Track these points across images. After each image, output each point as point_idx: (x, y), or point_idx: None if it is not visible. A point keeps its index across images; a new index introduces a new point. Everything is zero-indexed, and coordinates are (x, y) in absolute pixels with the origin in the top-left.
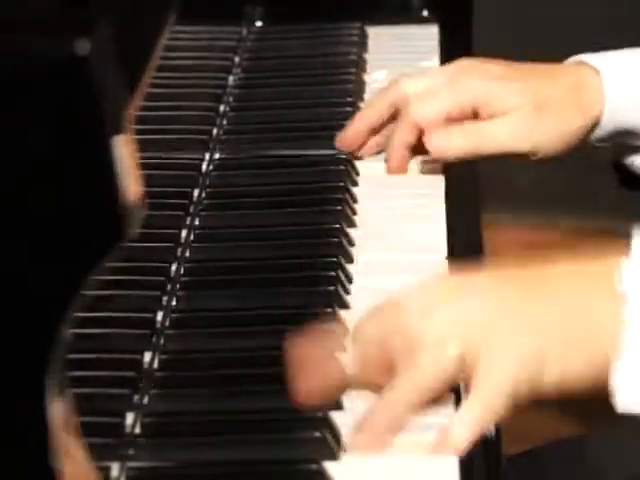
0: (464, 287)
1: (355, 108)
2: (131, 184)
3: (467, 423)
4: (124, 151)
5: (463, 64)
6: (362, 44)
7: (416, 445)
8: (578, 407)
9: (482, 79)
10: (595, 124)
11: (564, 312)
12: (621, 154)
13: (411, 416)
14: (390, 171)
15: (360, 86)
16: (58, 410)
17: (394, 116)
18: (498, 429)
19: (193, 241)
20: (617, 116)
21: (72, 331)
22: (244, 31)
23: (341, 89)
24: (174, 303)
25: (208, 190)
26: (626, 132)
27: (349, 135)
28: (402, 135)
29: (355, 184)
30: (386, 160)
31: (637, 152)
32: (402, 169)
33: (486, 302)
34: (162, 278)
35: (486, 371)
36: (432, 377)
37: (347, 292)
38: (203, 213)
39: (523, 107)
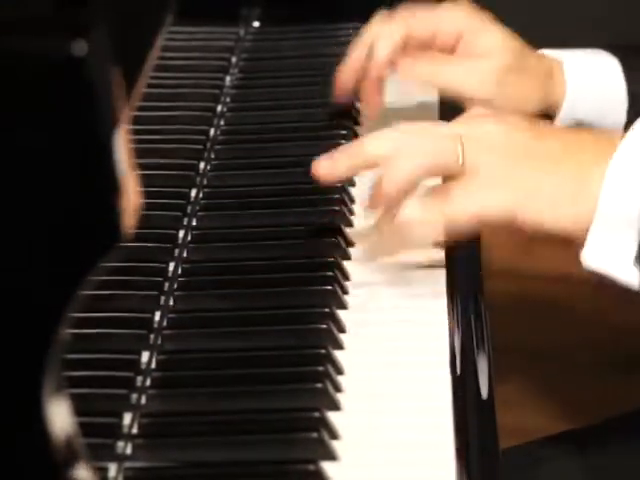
0: (503, 119)
1: (352, 108)
2: (129, 184)
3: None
4: (121, 151)
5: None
6: None
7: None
8: (575, 403)
9: (467, 12)
10: (553, 113)
11: (560, 172)
12: None
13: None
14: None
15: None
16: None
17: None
18: (495, 430)
19: (190, 241)
20: (575, 111)
21: (70, 331)
22: (241, 31)
23: None
24: (171, 303)
25: (205, 190)
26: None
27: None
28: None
29: (352, 184)
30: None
31: None
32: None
33: (511, 137)
34: (160, 278)
35: (473, 184)
36: (431, 154)
37: (345, 292)
38: (200, 213)
39: (500, 56)
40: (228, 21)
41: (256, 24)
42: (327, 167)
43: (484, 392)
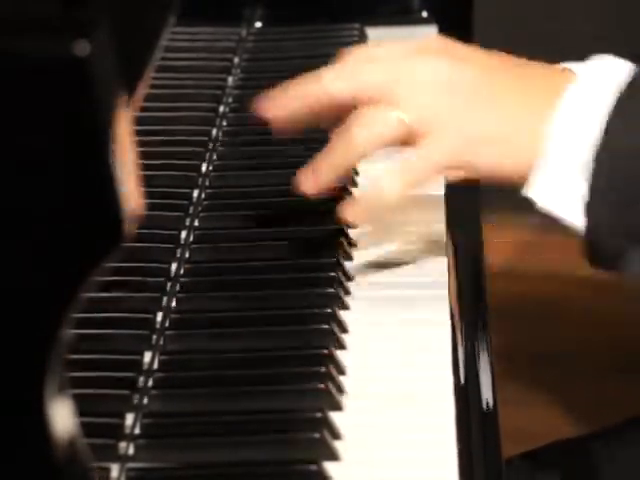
0: (447, 50)
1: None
2: (131, 185)
3: (398, 173)
4: (123, 152)
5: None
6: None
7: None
8: (575, 405)
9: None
10: None
11: (508, 109)
12: None
13: (349, 162)
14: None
15: None
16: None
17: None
18: (497, 430)
19: (193, 242)
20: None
21: (72, 331)
22: (244, 32)
23: None
24: (174, 304)
25: (208, 191)
26: None
27: None
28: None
29: (355, 185)
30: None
31: None
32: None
33: (456, 74)
34: (162, 279)
35: (429, 139)
36: (378, 131)
37: (347, 293)
38: (203, 214)
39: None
40: (230, 22)
41: (258, 25)
42: (310, 180)
43: (486, 392)
